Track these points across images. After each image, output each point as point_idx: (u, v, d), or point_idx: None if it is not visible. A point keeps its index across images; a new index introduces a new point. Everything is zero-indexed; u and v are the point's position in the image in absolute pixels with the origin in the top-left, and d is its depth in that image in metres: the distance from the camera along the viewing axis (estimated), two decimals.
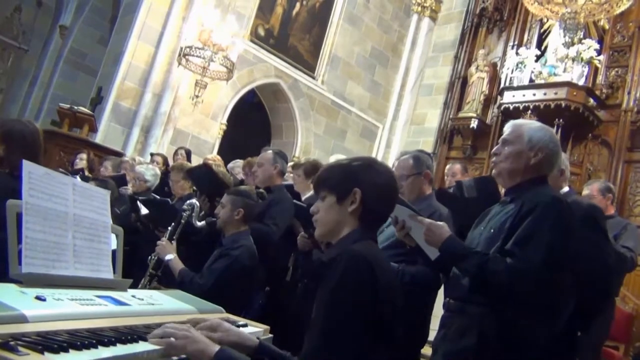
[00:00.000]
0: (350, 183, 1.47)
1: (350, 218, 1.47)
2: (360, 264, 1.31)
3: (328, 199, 1.50)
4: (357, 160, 1.54)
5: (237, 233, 3.06)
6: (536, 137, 2.05)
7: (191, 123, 7.95)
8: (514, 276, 1.76)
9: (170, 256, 3.08)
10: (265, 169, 3.78)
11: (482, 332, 1.85)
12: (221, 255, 2.96)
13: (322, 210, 1.50)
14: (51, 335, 1.16)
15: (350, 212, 1.46)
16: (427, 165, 2.78)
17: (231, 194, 3.17)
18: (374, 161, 1.56)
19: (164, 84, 7.58)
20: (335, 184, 1.50)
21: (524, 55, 8.29)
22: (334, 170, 1.54)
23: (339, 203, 1.48)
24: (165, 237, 3.27)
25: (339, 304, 1.29)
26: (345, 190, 1.47)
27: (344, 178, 1.49)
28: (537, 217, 1.85)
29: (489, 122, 9.00)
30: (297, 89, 9.15)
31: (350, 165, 1.52)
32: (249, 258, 2.98)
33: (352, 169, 1.50)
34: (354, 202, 1.46)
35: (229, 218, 3.08)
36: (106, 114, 7.28)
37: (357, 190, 1.46)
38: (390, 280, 1.40)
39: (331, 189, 1.50)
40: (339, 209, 1.47)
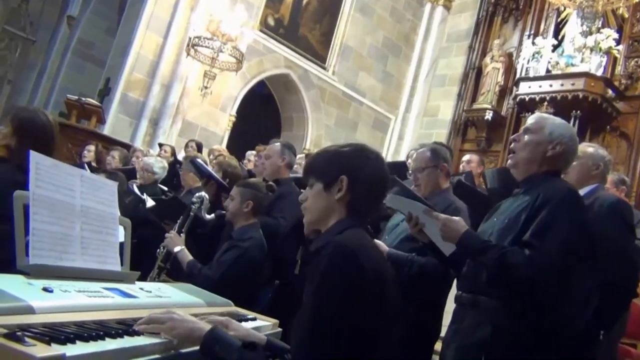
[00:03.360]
0: (336, 170, 1.45)
1: (338, 206, 1.45)
2: (344, 255, 1.29)
3: (315, 186, 1.48)
4: (345, 147, 1.51)
5: (246, 225, 3.08)
6: (557, 131, 2.09)
7: (200, 115, 7.97)
8: (534, 268, 1.78)
9: (179, 248, 3.10)
10: (273, 162, 3.78)
11: (496, 326, 1.87)
12: (230, 247, 2.98)
13: (310, 198, 1.49)
14: (58, 327, 1.18)
15: (338, 200, 1.44)
16: (444, 158, 2.77)
17: (240, 186, 3.19)
18: (364, 148, 1.52)
19: (173, 75, 7.60)
20: (322, 171, 1.48)
21: (541, 45, 8.21)
22: (321, 156, 1.53)
23: (326, 190, 1.46)
24: (173, 230, 3.29)
25: (325, 301, 1.28)
26: (332, 177, 1.45)
27: (331, 165, 1.48)
28: (553, 209, 1.88)
29: (504, 113, 8.93)
30: (308, 80, 9.14)
31: (338, 151, 1.50)
32: (258, 250, 3.00)
33: (339, 156, 1.49)
34: (340, 189, 1.44)
35: (238, 210, 3.09)
36: (114, 105, 7.32)
37: (343, 178, 1.44)
38: (379, 270, 1.37)
39: (318, 176, 1.48)
40: (326, 196, 1.46)
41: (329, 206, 1.46)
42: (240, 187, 3.16)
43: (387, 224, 2.93)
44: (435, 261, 2.35)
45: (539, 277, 1.78)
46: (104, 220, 1.73)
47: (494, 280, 1.89)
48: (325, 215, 1.47)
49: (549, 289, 1.81)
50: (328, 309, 1.27)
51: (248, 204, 3.08)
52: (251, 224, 3.11)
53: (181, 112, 7.73)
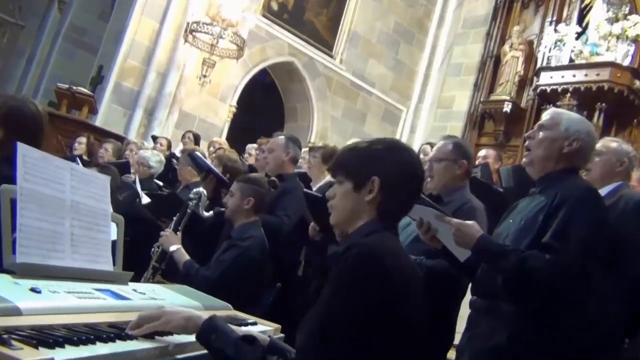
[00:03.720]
0: (368, 170, 1.45)
1: (368, 207, 1.45)
2: (369, 259, 1.30)
3: (344, 185, 1.48)
4: (378, 144, 1.50)
5: (246, 223, 3.09)
6: (574, 127, 2.10)
7: (198, 105, 7.98)
8: (555, 271, 1.80)
9: (175, 247, 3.11)
10: (276, 156, 3.78)
11: (513, 332, 1.88)
12: (229, 247, 2.98)
13: (337, 196, 1.49)
14: (46, 330, 1.18)
15: (368, 202, 1.44)
16: (465, 155, 2.76)
17: (240, 181, 3.19)
18: (397, 145, 1.53)
19: (169, 63, 7.60)
20: (352, 170, 1.48)
21: (563, 33, 8.16)
22: (351, 153, 1.52)
23: (355, 191, 1.46)
24: (169, 228, 3.30)
25: (341, 302, 1.28)
26: (363, 177, 1.45)
27: (362, 164, 1.47)
28: (572, 209, 1.89)
29: (524, 105, 8.89)
30: (313, 68, 9.12)
31: (370, 149, 1.49)
32: (259, 250, 3.00)
33: (371, 154, 1.48)
34: (371, 191, 1.44)
35: (238, 207, 3.10)
36: (107, 94, 7.33)
37: (375, 179, 1.44)
38: (406, 278, 1.37)
39: (348, 175, 1.48)
40: (356, 197, 1.46)
41: (358, 207, 1.46)
42: (241, 182, 3.16)
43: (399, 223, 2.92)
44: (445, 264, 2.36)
45: (561, 282, 1.80)
46: (95, 216, 1.74)
47: (512, 284, 1.90)
48: (353, 216, 1.47)
49: (570, 293, 1.82)
50: (342, 310, 1.27)
51: (249, 201, 3.08)
52: (252, 222, 3.11)
53: (178, 102, 7.73)
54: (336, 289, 1.31)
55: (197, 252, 3.20)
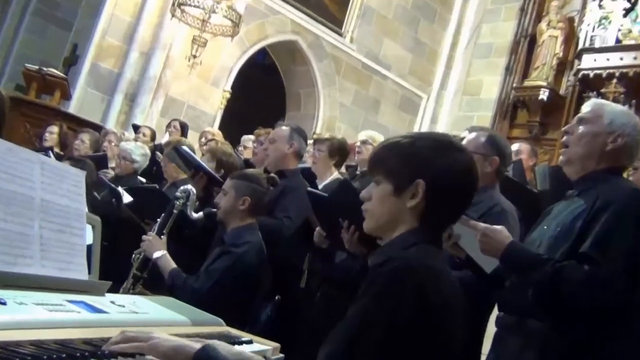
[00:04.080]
0: (412, 171, 1.43)
1: (409, 215, 1.44)
2: (406, 278, 1.29)
3: (383, 186, 1.48)
4: (425, 140, 1.49)
5: (242, 227, 3.10)
6: (618, 121, 2.09)
7: (187, 90, 8.00)
8: (595, 286, 1.79)
9: (159, 254, 3.12)
10: (278, 148, 3.79)
11: (543, 351, 1.89)
12: (222, 254, 2.99)
13: (374, 199, 1.49)
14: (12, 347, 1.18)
15: (410, 208, 1.43)
16: (498, 151, 2.74)
17: (235, 178, 3.19)
18: (448, 144, 1.49)
19: (154, 41, 7.62)
20: (393, 170, 1.47)
21: (609, 9, 8.11)
22: (394, 150, 1.50)
23: (395, 194, 1.45)
24: (153, 231, 3.31)
25: (369, 323, 1.28)
26: (406, 179, 1.44)
27: (405, 163, 1.45)
28: (615, 215, 1.89)
29: (563, 92, 8.86)
30: (320, 48, 9.13)
31: (416, 146, 1.47)
32: (255, 258, 3.01)
33: (417, 153, 1.46)
34: (415, 196, 1.43)
35: (232, 208, 3.11)
36: (82, 77, 7.36)
37: (420, 183, 1.42)
38: (448, 303, 1.36)
39: (388, 175, 1.47)
40: (396, 201, 1.45)
41: (398, 213, 1.45)
42: (236, 179, 3.17)
43: None
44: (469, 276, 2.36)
45: (601, 297, 1.79)
46: (68, 217, 1.74)
47: (546, 301, 1.90)
48: (391, 224, 1.47)
49: (612, 311, 1.82)
50: (371, 332, 1.27)
51: (244, 201, 3.09)
52: (248, 226, 3.12)
53: (164, 86, 7.75)
54: (366, 307, 1.30)
55: (184, 259, 3.21)
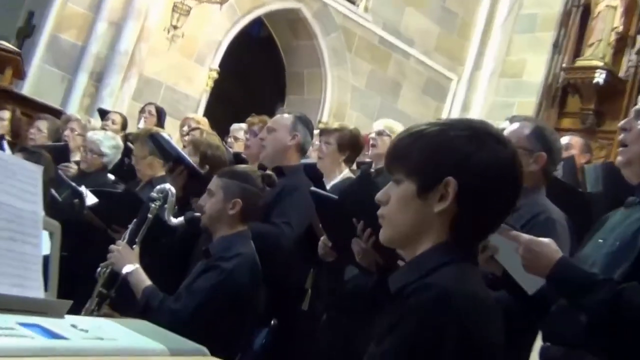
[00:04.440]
0: (441, 167, 1.41)
1: (437, 222, 1.42)
2: (446, 314, 1.28)
3: (404, 186, 1.45)
4: (457, 129, 1.45)
5: (231, 236, 3.10)
6: None
7: (165, 68, 8.01)
8: None
9: (130, 268, 3.12)
10: (277, 139, 3.80)
11: None
12: (207, 269, 2.98)
13: (393, 202, 1.47)
14: None
15: (438, 213, 1.41)
16: (547, 146, 2.70)
17: (223, 176, 3.19)
18: (488, 134, 1.46)
19: (126, 9, 7.63)
20: (417, 165, 1.44)
21: None
22: (418, 141, 1.47)
23: (420, 196, 1.43)
24: (123, 240, 3.32)
25: None
26: (433, 177, 1.42)
27: (432, 157, 1.43)
28: None
29: (623, 75, 8.83)
30: (328, 18, 9.14)
31: (445, 136, 1.44)
32: (248, 274, 3.00)
33: (447, 145, 1.43)
34: (444, 197, 1.40)
35: (219, 212, 3.11)
36: (39, 52, 7.36)
37: (450, 181, 1.39)
38: (494, 339, 1.38)
39: (410, 172, 1.45)
40: (421, 205, 1.42)
41: (423, 220, 1.44)
42: (224, 177, 3.18)
43: None
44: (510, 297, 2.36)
45: None
46: (20, 222, 1.74)
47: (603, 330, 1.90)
48: (414, 234, 1.45)
49: None
50: None
51: (235, 204, 3.09)
52: (239, 234, 3.13)
53: (137, 63, 7.75)
54: (397, 351, 1.30)
55: (162, 274, 3.20)
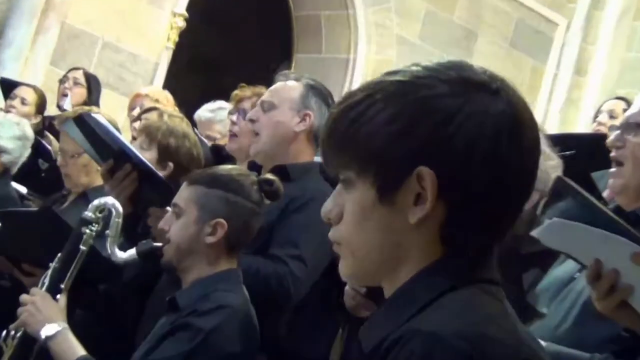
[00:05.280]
0: (403, 151, 1.41)
1: (419, 235, 1.43)
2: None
3: (359, 189, 1.46)
4: (418, 83, 1.44)
5: (210, 278, 3.12)
6: None
7: (101, 15, 8.06)
8: None
9: (53, 329, 3.14)
10: (278, 121, 3.82)
11: None
12: (174, 330, 3.01)
13: (348, 216, 1.49)
14: None
15: (417, 224, 1.42)
16: None
17: (197, 183, 3.21)
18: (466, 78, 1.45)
19: None
20: (370, 153, 1.44)
21: None
22: (363, 114, 1.45)
23: (384, 200, 1.43)
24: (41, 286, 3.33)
25: None
26: (395, 167, 1.42)
27: (389, 136, 1.42)
28: None
29: None
30: None
31: (403, 98, 1.43)
32: (237, 337, 3.02)
33: (407, 112, 1.42)
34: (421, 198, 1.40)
35: (191, 241, 3.13)
36: None
37: (423, 172, 1.38)
38: None
39: (363, 165, 1.45)
40: (389, 214, 1.43)
41: (397, 236, 1.45)
42: (198, 185, 3.20)
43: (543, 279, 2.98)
44: None
45: None
46: None
47: None
48: (389, 259, 1.47)
49: None
50: None
51: (216, 227, 3.11)
52: (222, 275, 3.15)
53: (57, 7, 7.81)
54: None
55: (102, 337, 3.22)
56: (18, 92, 6.57)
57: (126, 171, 3.75)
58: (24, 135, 5.08)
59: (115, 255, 3.46)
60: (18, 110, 6.04)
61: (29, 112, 6.13)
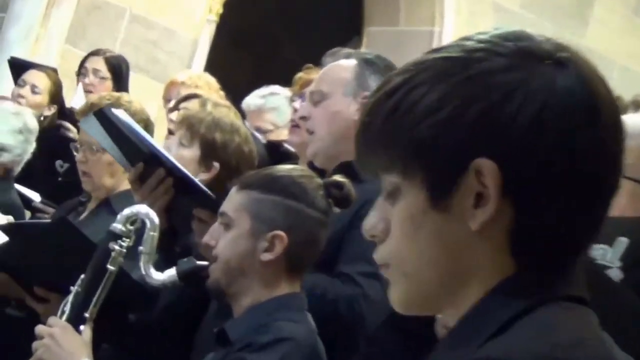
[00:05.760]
0: (457, 142, 1.42)
1: (484, 245, 1.43)
2: None
3: (406, 197, 1.47)
4: (472, 59, 1.46)
5: (268, 304, 3.15)
6: None
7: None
8: None
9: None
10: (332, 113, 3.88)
11: None
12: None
13: (396, 231, 1.49)
14: None
15: (479, 231, 1.42)
16: None
17: (250, 187, 3.24)
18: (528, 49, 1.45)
19: None
20: (416, 149, 1.44)
21: None
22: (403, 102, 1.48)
23: (438, 204, 1.44)
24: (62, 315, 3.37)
25: None
26: (449, 163, 1.43)
27: (437, 127, 1.42)
28: None
29: None
30: None
31: (456, 78, 1.44)
32: None
33: (460, 94, 1.43)
34: (482, 198, 1.41)
35: (243, 259, 3.17)
36: None
37: (483, 165, 1.40)
38: None
39: (407, 165, 1.46)
40: (444, 222, 1.44)
41: (458, 249, 1.46)
42: (252, 190, 3.23)
43: None
44: None
45: None
46: None
47: None
48: (450, 279, 1.48)
49: None
50: None
51: (274, 241, 3.14)
52: (283, 300, 3.17)
53: None
54: None
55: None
56: (27, 78, 6.59)
57: (159, 177, 3.76)
58: (26, 127, 5.07)
59: (151, 276, 3.47)
60: (28, 101, 6.08)
61: (41, 101, 6.16)
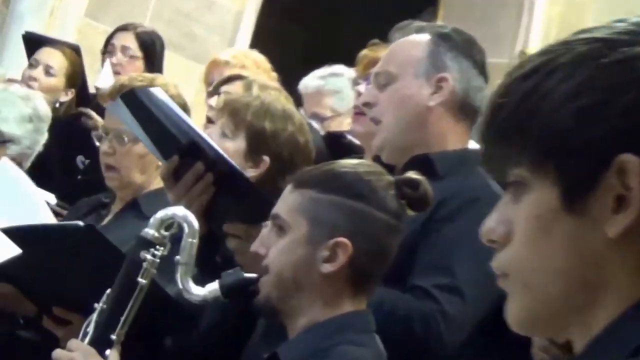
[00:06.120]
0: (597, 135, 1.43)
1: (621, 253, 1.44)
2: None
3: (535, 194, 1.50)
4: (625, 32, 1.49)
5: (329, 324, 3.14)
6: None
7: None
8: None
9: None
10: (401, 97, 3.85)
11: None
12: None
13: (520, 233, 1.51)
14: None
15: (618, 239, 1.42)
16: None
17: (307, 185, 3.24)
18: None
19: None
20: (552, 139, 1.47)
21: None
22: (538, 84, 1.50)
23: (573, 206, 1.46)
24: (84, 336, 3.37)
25: None
26: (586, 161, 1.44)
27: (578, 115, 1.45)
28: None
29: None
30: None
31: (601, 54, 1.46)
32: None
33: (602, 76, 1.45)
34: (624, 202, 1.42)
35: (300, 270, 3.15)
36: None
37: (625, 162, 1.40)
38: None
39: (540, 158, 1.48)
40: (578, 226, 1.46)
41: (591, 257, 1.46)
42: (309, 188, 3.22)
43: None
44: None
45: None
46: None
47: None
48: (579, 292, 1.48)
49: None
50: None
51: (336, 249, 3.12)
52: (347, 319, 3.16)
53: None
54: None
55: None
56: (40, 57, 6.60)
57: (198, 173, 3.73)
58: (36, 114, 5.05)
59: (189, 291, 3.44)
60: (41, 84, 6.09)
61: (56, 84, 6.19)
